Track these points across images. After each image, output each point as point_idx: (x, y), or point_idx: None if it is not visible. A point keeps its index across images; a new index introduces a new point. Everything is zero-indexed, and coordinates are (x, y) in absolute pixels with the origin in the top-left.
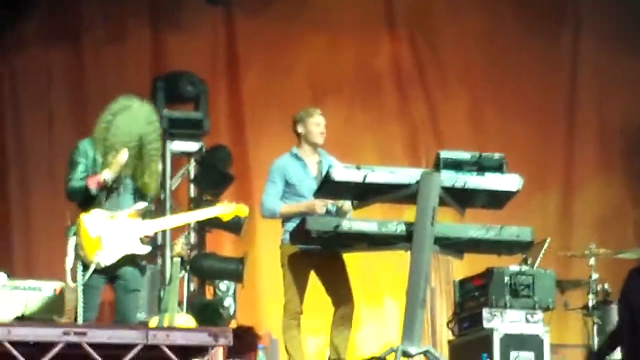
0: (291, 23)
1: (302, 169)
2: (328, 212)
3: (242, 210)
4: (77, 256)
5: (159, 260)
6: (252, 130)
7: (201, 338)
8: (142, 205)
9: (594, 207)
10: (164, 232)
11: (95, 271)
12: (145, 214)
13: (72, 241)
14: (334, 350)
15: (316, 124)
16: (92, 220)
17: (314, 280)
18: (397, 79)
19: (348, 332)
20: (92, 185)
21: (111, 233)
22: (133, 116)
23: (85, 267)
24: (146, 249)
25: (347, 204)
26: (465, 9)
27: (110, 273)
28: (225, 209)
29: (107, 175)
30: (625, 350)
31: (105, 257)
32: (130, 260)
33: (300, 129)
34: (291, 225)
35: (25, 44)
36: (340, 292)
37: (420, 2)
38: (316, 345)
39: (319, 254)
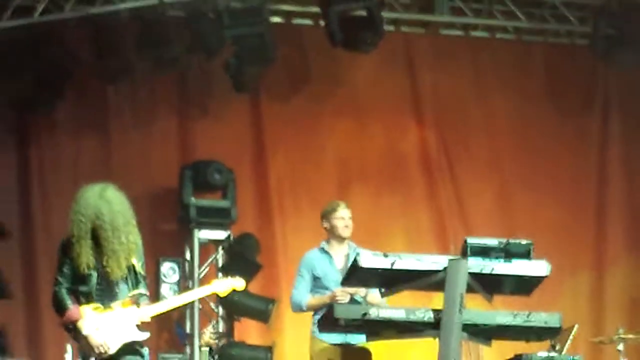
0: (318, 108)
1: (328, 263)
2: (355, 301)
3: (237, 285)
4: (78, 351)
5: (188, 350)
6: (279, 217)
7: None
8: (136, 292)
9: (624, 289)
10: (192, 321)
11: None
12: (139, 300)
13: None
14: None
15: (340, 218)
16: (86, 317)
17: None
18: (424, 164)
19: None
20: (66, 320)
21: (106, 325)
22: (85, 196)
23: None
24: (145, 335)
25: (372, 295)
26: (493, 91)
27: None
28: (220, 285)
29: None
30: None
31: (104, 349)
32: (129, 348)
33: (325, 224)
34: (318, 316)
35: (55, 128)
36: None
37: (447, 85)
38: None
39: (347, 352)
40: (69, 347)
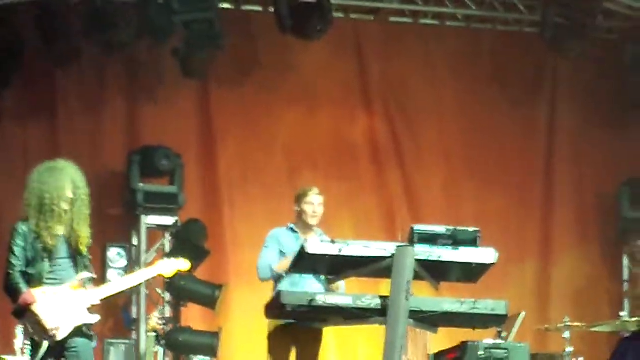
0: (268, 95)
1: (295, 241)
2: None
3: (182, 266)
4: (27, 336)
5: (134, 335)
6: (228, 204)
7: None
8: (84, 275)
9: (570, 278)
10: (138, 306)
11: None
12: (86, 283)
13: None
14: None
15: (310, 203)
16: (40, 301)
17: None
18: (373, 151)
19: None
20: (21, 303)
21: (58, 308)
22: (60, 169)
23: (35, 346)
24: (96, 318)
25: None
26: (442, 79)
27: (59, 349)
28: (164, 266)
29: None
30: None
31: (57, 333)
32: (79, 331)
33: (296, 207)
34: None
35: (2, 112)
36: None
37: (396, 73)
38: None
39: (301, 331)
40: (18, 332)
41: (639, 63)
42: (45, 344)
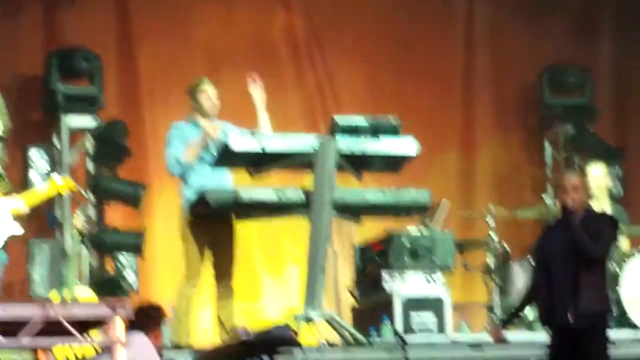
0: None
1: (197, 131)
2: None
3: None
4: None
5: (58, 235)
6: (148, 104)
7: (99, 310)
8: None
9: (493, 166)
10: (62, 207)
11: None
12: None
13: None
14: (221, 324)
15: (204, 91)
16: None
17: None
18: (292, 47)
19: (232, 305)
20: None
21: None
22: None
23: None
24: (21, 230)
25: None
26: None
27: None
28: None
29: None
30: (541, 304)
31: None
32: None
33: (191, 101)
34: (190, 192)
35: None
36: (224, 269)
37: None
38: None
39: (214, 228)
40: None
41: None
42: None
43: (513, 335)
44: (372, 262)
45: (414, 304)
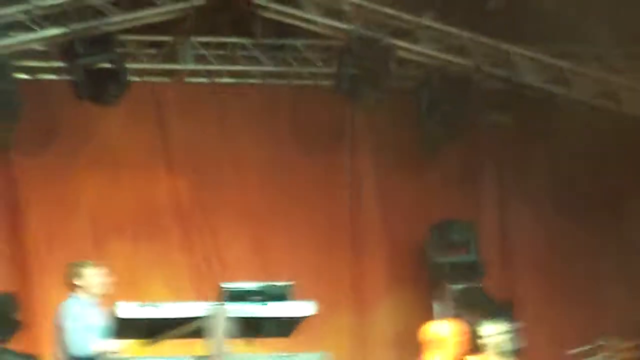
0: (70, 162)
1: (96, 311)
2: None
3: None
4: None
5: None
6: (38, 274)
7: None
8: None
9: (386, 324)
10: None
11: None
12: None
13: None
14: None
15: (94, 275)
16: None
17: None
18: (178, 212)
19: None
20: None
21: None
22: None
23: None
24: None
25: None
26: (241, 136)
27: None
28: None
29: None
30: None
31: None
32: None
33: (78, 282)
34: None
35: None
36: None
37: (196, 133)
38: None
39: None
40: None
41: (434, 109)
42: None
43: None
44: None
45: None
